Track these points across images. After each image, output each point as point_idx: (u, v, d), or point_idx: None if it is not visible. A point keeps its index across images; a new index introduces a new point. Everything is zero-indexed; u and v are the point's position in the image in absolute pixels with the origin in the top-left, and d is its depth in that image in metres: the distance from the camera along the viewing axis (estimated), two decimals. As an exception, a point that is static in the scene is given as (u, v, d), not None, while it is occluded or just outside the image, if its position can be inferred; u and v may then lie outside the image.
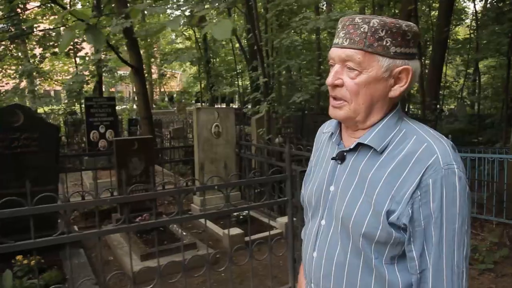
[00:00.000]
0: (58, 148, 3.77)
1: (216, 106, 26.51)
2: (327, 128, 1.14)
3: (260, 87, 6.00)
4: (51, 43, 10.33)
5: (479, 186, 5.32)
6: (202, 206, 4.49)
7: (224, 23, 1.84)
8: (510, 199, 4.48)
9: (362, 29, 0.89)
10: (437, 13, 12.22)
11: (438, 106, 10.05)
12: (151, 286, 2.28)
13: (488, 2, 16.10)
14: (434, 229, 0.86)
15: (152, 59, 22.84)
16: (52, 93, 21.08)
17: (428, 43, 12.20)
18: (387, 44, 0.89)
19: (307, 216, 1.13)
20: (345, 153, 0.99)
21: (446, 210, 0.85)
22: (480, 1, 17.37)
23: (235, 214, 4.18)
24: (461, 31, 21.10)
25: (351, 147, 0.97)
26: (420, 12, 12.09)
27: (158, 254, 2.52)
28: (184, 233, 3.74)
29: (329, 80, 0.94)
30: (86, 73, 8.38)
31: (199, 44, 21.89)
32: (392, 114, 0.96)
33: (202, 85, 24.17)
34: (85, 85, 10.09)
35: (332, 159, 1.01)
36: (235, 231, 3.80)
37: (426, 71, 10.42)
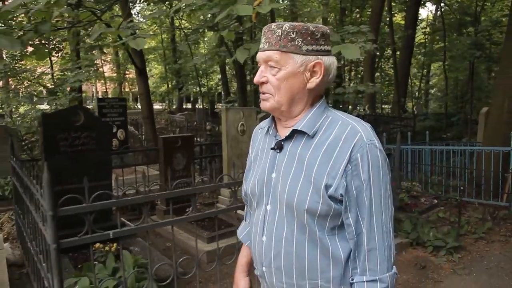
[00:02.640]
0: (111, 146, 4.07)
1: (183, 105, 26.53)
2: (262, 125, 1.27)
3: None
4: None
5: (453, 174, 6.24)
6: (231, 197, 4.99)
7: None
8: (486, 183, 5.40)
9: (277, 33, 1.03)
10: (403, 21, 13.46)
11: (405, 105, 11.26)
12: (213, 266, 2.60)
13: (439, 10, 17.79)
14: (365, 196, 1.00)
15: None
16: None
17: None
18: (299, 44, 1.03)
19: (251, 207, 1.23)
20: (282, 142, 1.11)
21: (373, 179, 1.00)
22: (434, 11, 19.08)
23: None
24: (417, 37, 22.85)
25: (287, 134, 1.10)
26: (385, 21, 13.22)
27: (218, 237, 2.88)
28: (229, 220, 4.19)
29: (256, 78, 1.08)
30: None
31: (163, 43, 21.92)
32: (319, 105, 1.10)
33: (170, 85, 24.18)
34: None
35: (271, 149, 1.14)
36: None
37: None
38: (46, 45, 10.57)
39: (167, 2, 7.10)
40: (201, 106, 26.15)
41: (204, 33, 16.55)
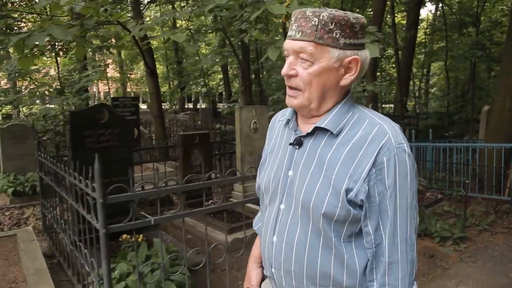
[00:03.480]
0: (133, 142, 4.26)
1: (185, 105, 26.70)
2: (281, 116, 1.17)
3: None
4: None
5: (456, 170, 6.45)
6: (244, 192, 5.20)
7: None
8: (489, 178, 5.61)
9: (313, 22, 0.92)
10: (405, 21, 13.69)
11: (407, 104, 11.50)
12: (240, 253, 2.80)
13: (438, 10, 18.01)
14: (389, 204, 0.92)
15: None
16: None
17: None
18: (337, 36, 0.93)
19: (263, 203, 1.16)
20: (302, 138, 1.03)
21: (399, 186, 0.92)
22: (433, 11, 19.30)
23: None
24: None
25: (309, 131, 1.01)
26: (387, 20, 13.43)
27: (238, 229, 3.02)
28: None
29: (284, 70, 0.98)
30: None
31: (165, 44, 22.11)
32: (345, 101, 1.01)
33: (172, 85, 24.36)
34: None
35: (290, 144, 1.05)
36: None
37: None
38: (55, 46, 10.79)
39: (176, 3, 7.28)
40: (202, 106, 26.37)
41: (206, 33, 16.73)
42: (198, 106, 28.26)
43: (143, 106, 25.03)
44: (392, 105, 20.94)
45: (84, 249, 2.61)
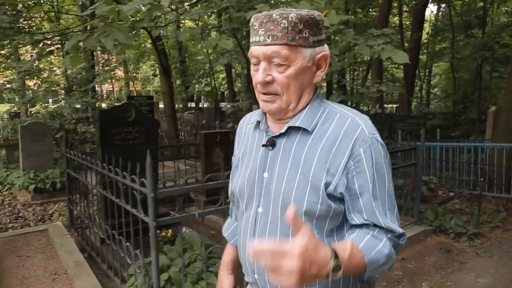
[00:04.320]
0: (158, 140, 4.39)
1: (189, 105, 26.81)
2: (250, 118, 1.16)
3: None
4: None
5: (464, 169, 6.60)
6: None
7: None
8: (498, 177, 5.76)
9: (282, 25, 0.90)
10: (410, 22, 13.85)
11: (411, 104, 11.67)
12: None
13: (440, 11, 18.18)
14: (371, 194, 0.93)
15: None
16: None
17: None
18: (306, 35, 0.92)
19: (239, 209, 1.13)
20: (275, 139, 1.01)
21: (377, 175, 0.93)
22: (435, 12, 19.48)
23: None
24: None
25: (282, 131, 0.99)
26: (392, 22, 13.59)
27: None
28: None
29: (260, 78, 0.94)
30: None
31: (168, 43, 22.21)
32: (315, 97, 1.01)
33: (175, 84, 24.47)
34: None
35: (262, 146, 1.03)
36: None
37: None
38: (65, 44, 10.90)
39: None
40: (205, 105, 26.48)
41: (209, 33, 16.83)
42: (200, 105, 28.36)
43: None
44: (393, 105, 21.16)
45: (126, 242, 2.74)
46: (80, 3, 12.41)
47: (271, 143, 1.01)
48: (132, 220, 2.79)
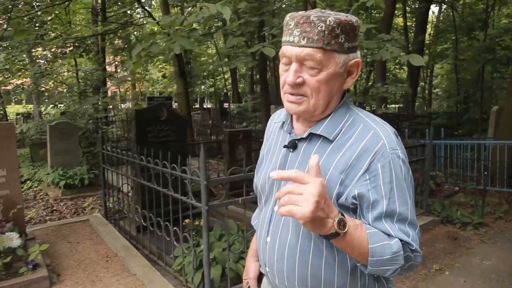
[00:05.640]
0: (187, 137, 4.74)
1: (193, 105, 27.14)
2: (277, 118, 1.17)
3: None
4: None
5: (467, 166, 6.96)
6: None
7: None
8: (500, 173, 6.12)
9: (319, 28, 0.88)
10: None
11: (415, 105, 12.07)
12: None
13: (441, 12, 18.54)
14: (385, 211, 0.90)
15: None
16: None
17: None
18: (342, 41, 0.90)
19: (260, 202, 1.17)
20: (296, 141, 1.02)
21: (397, 191, 0.90)
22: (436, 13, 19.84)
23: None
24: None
25: (303, 136, 1.00)
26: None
27: None
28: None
29: (291, 79, 0.92)
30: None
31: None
32: (342, 104, 0.99)
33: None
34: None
35: (284, 147, 1.04)
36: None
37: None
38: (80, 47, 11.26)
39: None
40: (208, 106, 26.84)
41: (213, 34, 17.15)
42: (204, 106, 28.70)
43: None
44: (395, 105, 21.54)
45: (174, 227, 3.09)
46: (91, 6, 12.77)
47: (292, 145, 1.02)
48: (172, 209, 3.13)
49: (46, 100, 8.19)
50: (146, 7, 8.84)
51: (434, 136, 8.62)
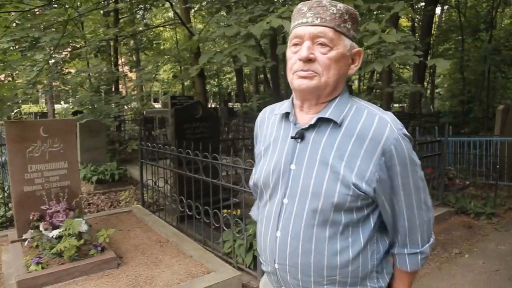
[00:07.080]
0: (220, 134, 5.06)
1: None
2: (271, 112, 1.18)
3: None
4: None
5: (480, 161, 7.31)
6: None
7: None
8: (509, 168, 6.47)
9: (331, 11, 0.96)
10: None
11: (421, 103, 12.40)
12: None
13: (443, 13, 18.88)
14: (403, 184, 0.99)
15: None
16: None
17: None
18: (349, 27, 0.99)
19: (262, 199, 1.14)
20: (304, 131, 1.02)
21: (410, 166, 0.99)
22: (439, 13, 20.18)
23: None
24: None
25: (312, 123, 1.01)
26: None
27: None
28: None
29: (304, 54, 0.96)
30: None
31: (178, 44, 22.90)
32: (344, 91, 1.04)
33: (184, 85, 25.14)
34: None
35: (291, 137, 1.04)
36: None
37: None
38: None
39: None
40: (213, 105, 27.17)
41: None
42: (208, 106, 28.97)
43: (157, 106, 25.92)
44: (398, 105, 21.89)
45: (223, 215, 3.42)
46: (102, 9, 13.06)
47: (300, 136, 1.02)
48: (212, 200, 3.46)
49: (72, 100, 8.47)
50: (177, 11, 9.06)
51: (442, 134, 8.97)
